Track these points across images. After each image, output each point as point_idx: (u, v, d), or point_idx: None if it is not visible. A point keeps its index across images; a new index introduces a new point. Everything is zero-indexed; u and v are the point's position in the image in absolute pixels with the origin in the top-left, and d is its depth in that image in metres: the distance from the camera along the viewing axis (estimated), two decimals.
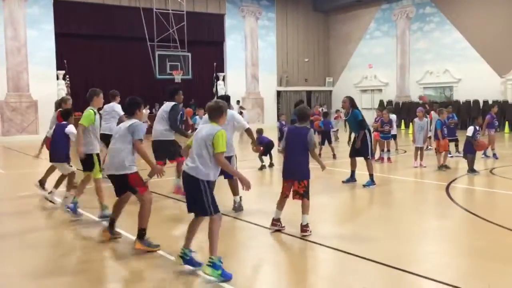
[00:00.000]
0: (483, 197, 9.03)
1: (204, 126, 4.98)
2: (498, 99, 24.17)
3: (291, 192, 6.26)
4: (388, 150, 13.36)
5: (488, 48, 24.51)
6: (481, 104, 24.74)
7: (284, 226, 6.42)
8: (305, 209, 6.23)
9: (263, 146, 11.31)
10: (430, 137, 14.07)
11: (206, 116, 5.40)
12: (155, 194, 8.69)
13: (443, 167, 11.48)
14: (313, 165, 6.33)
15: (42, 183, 8.65)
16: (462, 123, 24.20)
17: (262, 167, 12.10)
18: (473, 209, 7.57)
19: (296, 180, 6.21)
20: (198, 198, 4.74)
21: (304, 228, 6.19)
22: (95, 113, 7.09)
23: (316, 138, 10.24)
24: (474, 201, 8.75)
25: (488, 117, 14.10)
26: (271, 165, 12.31)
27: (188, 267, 4.93)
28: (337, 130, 19.16)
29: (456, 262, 5.36)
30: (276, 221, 6.43)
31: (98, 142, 7.25)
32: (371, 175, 9.56)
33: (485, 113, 24.23)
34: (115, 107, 9.86)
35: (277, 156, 12.41)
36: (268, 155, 12.21)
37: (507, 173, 11.12)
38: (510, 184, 9.97)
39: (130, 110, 5.87)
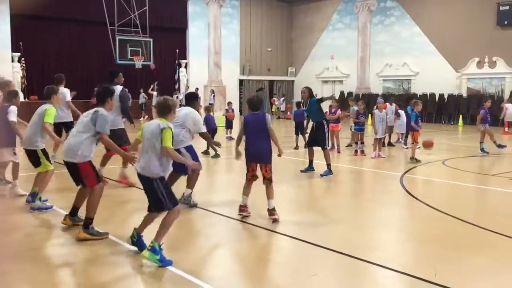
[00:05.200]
0: (435, 188, 9.34)
1: (152, 122, 5.00)
2: (453, 93, 24.97)
3: (262, 178, 6.41)
4: (362, 143, 12.82)
5: (445, 43, 25.20)
6: (437, 98, 25.48)
7: (250, 213, 6.54)
8: (270, 194, 6.41)
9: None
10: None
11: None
12: (111, 182, 8.59)
13: (414, 159, 11.56)
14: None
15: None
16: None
17: (205, 152, 12.18)
18: (425, 198, 7.83)
19: (262, 163, 6.39)
20: (154, 197, 4.85)
21: (271, 211, 6.37)
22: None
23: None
24: (426, 191, 9.05)
25: (482, 112, 13.47)
26: (216, 156, 11.92)
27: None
28: None
29: (407, 250, 5.56)
30: (243, 207, 6.54)
31: (44, 138, 6.91)
32: (328, 165, 9.73)
33: (441, 105, 25.22)
34: (64, 92, 9.60)
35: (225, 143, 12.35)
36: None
37: (458, 164, 11.54)
38: (461, 175, 10.35)
39: (101, 98, 5.71)
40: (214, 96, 28.03)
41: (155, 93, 24.61)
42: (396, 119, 14.67)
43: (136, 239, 5.04)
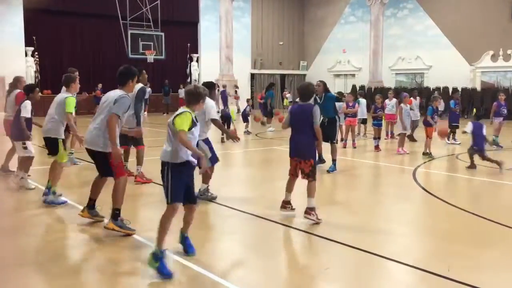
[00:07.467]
0: (449, 182, 9.28)
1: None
2: (467, 87, 24.71)
3: (299, 172, 6.12)
4: (379, 137, 12.59)
5: (458, 36, 24.92)
6: (450, 91, 25.19)
7: (294, 209, 6.28)
8: (310, 192, 6.03)
9: (222, 118, 11.83)
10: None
11: None
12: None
13: (428, 153, 11.42)
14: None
15: (5, 168, 8.51)
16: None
17: (223, 140, 13.04)
18: (438, 193, 7.77)
19: (301, 159, 6.06)
20: (163, 183, 4.51)
21: (308, 210, 5.98)
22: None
23: None
24: (440, 185, 8.98)
25: (494, 104, 13.51)
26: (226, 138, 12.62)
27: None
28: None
29: (420, 244, 5.53)
30: (286, 204, 6.27)
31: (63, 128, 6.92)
32: (334, 160, 9.57)
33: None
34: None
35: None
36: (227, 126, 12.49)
37: None
38: (475, 169, 10.24)
39: (122, 80, 5.48)
40: (219, 91, 27.92)
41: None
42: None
43: (181, 240, 4.85)
